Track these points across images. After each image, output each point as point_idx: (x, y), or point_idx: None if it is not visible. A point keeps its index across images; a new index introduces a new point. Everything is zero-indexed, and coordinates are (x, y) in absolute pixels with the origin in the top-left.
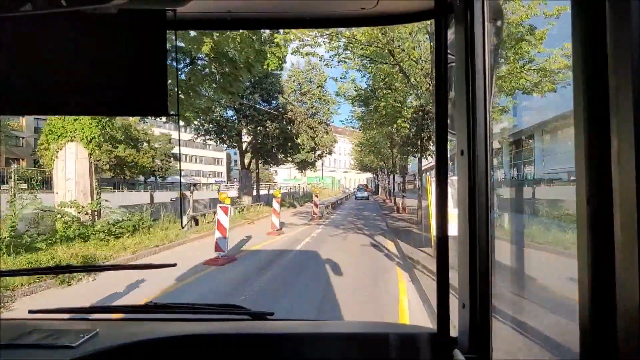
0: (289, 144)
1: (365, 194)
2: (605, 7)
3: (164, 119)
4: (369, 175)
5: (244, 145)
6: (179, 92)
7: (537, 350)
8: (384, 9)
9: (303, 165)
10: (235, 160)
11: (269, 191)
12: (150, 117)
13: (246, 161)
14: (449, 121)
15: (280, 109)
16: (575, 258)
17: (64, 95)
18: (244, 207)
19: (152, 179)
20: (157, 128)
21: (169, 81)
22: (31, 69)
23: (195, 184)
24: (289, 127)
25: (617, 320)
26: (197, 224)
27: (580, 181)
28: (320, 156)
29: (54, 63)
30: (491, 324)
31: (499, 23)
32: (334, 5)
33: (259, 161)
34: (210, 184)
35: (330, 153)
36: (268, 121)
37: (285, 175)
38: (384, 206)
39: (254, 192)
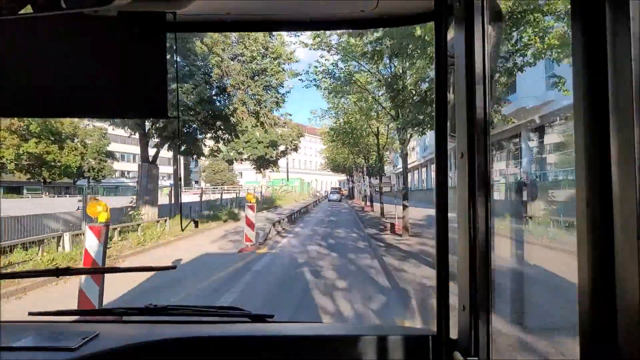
0: (218, 122)
1: (338, 196)
2: (605, 7)
3: None
4: (343, 177)
5: (147, 127)
6: None
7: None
8: (384, 11)
9: (261, 164)
10: (196, 161)
11: (237, 196)
12: None
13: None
14: (448, 123)
15: (199, 65)
16: None
17: (64, 97)
18: (133, 225)
19: (84, 181)
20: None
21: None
22: (32, 71)
23: None
24: (217, 96)
25: (617, 320)
26: (196, 225)
27: (580, 181)
28: (284, 153)
29: (54, 65)
30: (491, 326)
31: (499, 24)
32: (334, 8)
33: (176, 151)
34: (164, 187)
35: (295, 149)
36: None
37: (250, 177)
38: (365, 218)
39: (179, 199)
